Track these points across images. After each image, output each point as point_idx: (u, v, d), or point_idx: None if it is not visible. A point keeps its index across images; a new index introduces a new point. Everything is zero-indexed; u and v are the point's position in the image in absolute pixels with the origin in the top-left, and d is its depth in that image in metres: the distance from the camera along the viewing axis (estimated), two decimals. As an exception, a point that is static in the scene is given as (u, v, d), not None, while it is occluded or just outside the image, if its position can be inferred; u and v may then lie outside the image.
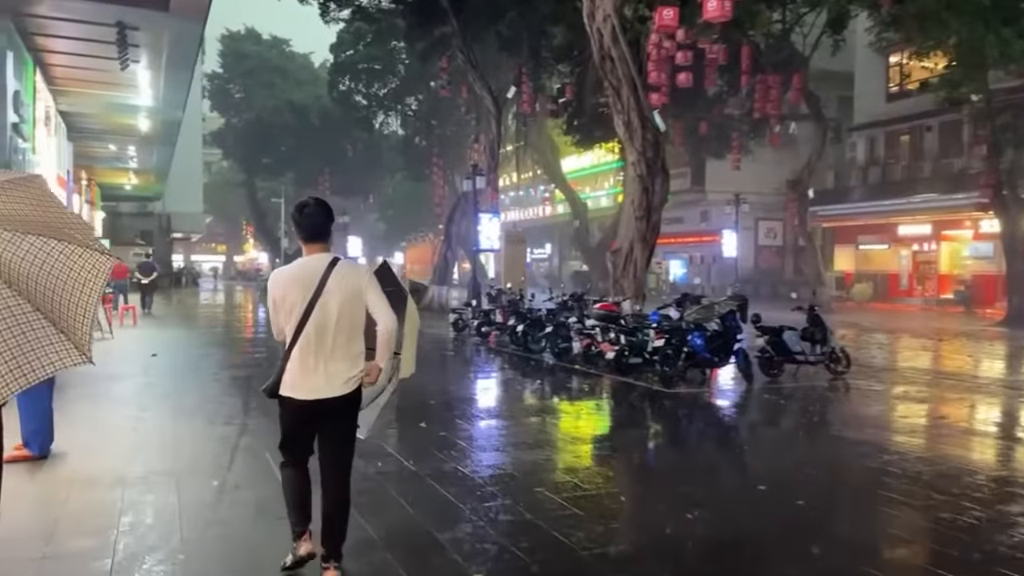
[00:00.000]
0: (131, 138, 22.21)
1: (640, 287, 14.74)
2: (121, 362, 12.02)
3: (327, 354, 3.51)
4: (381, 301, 3.58)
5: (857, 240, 30.88)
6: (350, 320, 3.54)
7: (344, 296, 3.50)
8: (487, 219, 24.16)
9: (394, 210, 54.59)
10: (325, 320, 3.48)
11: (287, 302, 3.53)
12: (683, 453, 7.21)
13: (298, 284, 3.53)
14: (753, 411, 9.34)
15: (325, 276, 3.48)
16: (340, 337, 3.52)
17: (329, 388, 3.52)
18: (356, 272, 3.63)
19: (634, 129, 13.73)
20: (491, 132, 25.11)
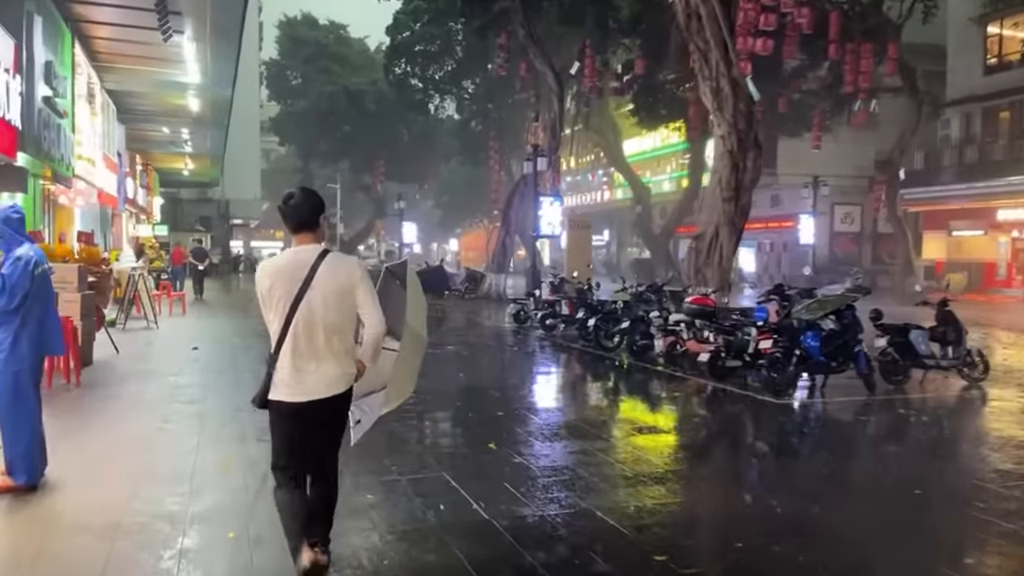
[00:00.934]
0: (183, 120, 21.40)
1: (726, 277, 13.12)
2: (159, 356, 10.98)
3: (318, 352, 3.28)
4: (371, 300, 3.34)
5: (949, 226, 28.30)
6: (340, 316, 3.31)
7: (334, 290, 3.28)
8: (548, 203, 22.66)
9: (449, 196, 53.48)
10: (313, 315, 3.25)
11: (273, 296, 3.28)
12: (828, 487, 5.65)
13: (284, 277, 3.28)
14: (885, 429, 7.66)
15: (313, 269, 3.26)
16: (330, 334, 3.29)
17: (324, 388, 3.30)
18: (347, 265, 3.37)
19: (724, 98, 12.05)
20: (552, 111, 23.55)
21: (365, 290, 3.33)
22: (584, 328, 13.05)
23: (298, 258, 3.30)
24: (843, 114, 28.35)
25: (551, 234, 22.73)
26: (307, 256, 3.29)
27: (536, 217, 22.33)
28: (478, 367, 11.30)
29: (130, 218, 27.00)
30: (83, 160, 13.93)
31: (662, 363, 10.60)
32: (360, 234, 50.32)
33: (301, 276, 3.24)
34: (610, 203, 48.15)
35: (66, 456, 5.55)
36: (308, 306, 3.24)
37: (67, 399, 7.76)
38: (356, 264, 3.42)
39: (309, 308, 3.24)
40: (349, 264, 3.39)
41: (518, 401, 8.33)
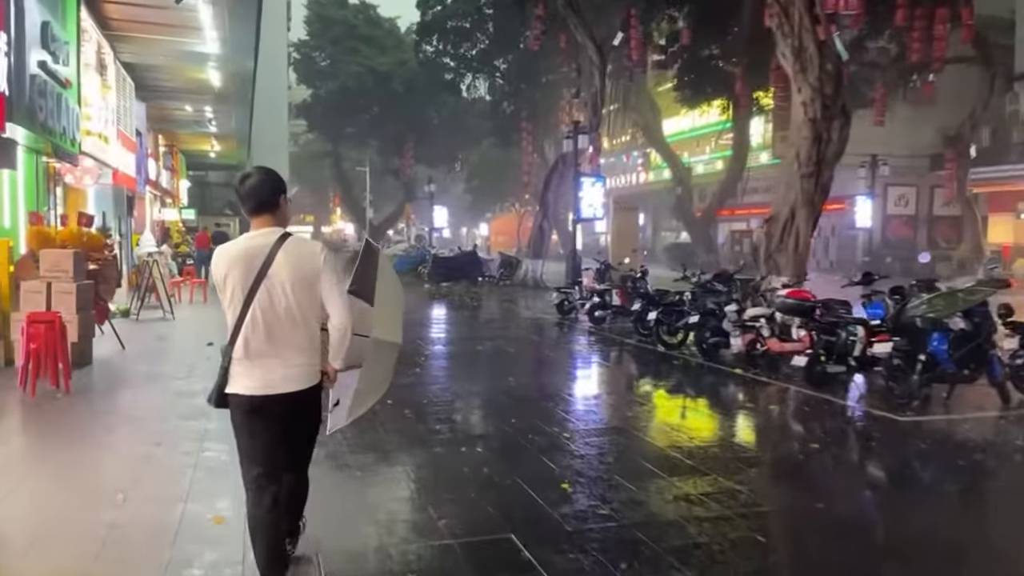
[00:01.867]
0: (205, 96, 20.16)
1: (802, 264, 11.51)
2: (167, 354, 9.72)
3: (278, 344, 2.98)
4: (336, 290, 3.05)
5: (1018, 208, 26.19)
6: (300, 306, 3.00)
7: (294, 278, 2.97)
8: (589, 184, 21.08)
9: (480, 180, 51.97)
10: (272, 305, 2.96)
11: (228, 285, 2.98)
12: (991, 539, 4.14)
13: (240, 263, 2.96)
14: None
15: (271, 255, 2.96)
16: (289, 325, 2.99)
17: (282, 382, 2.98)
18: (309, 250, 3.04)
19: (808, 58, 10.40)
20: (593, 86, 21.88)
21: (329, 279, 3.03)
22: (641, 321, 11.56)
23: (255, 243, 3.00)
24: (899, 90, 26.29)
25: (593, 217, 21.16)
26: (264, 241, 3.00)
27: (576, 199, 20.79)
28: (525, 369, 9.88)
29: (154, 201, 25.95)
30: (93, 136, 12.70)
31: (740, 364, 9.10)
32: (389, 218, 49.09)
33: (258, 263, 2.96)
34: (645, 185, 46.33)
35: (13, 501, 4.23)
36: (266, 295, 2.96)
37: (46, 412, 6.48)
38: (318, 249, 3.08)
39: (268, 297, 2.96)
40: (311, 249, 3.06)
41: (583, 417, 6.88)
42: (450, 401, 7.32)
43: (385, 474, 5.01)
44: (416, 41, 39.91)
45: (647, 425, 6.65)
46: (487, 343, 11.28)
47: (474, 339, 11.82)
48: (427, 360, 9.56)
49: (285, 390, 2.98)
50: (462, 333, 12.87)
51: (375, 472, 5.04)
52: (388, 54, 46.26)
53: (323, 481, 4.30)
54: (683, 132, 41.68)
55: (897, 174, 31.30)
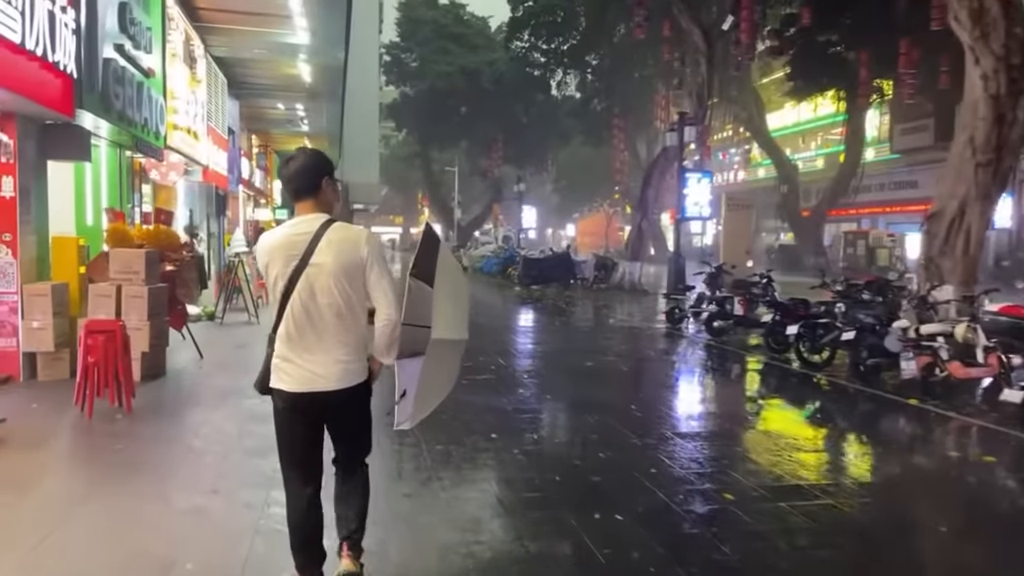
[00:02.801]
0: (297, 94, 19.57)
1: (973, 270, 9.59)
2: (247, 365, 8.75)
3: (319, 339, 2.76)
4: (384, 281, 2.77)
5: None
6: (345, 298, 2.75)
7: (336, 268, 2.73)
8: (695, 180, 19.35)
9: (567, 180, 50.52)
10: (313, 297, 2.74)
11: (271, 273, 2.79)
12: None
13: (282, 251, 2.76)
14: None
15: (313, 242, 2.72)
16: (332, 318, 2.75)
17: (325, 379, 2.75)
18: (353, 237, 2.77)
19: (990, 21, 8.51)
20: (699, 75, 20.16)
21: (376, 269, 2.75)
22: (774, 335, 9.94)
23: (296, 231, 2.76)
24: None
25: (699, 216, 19.42)
26: (307, 228, 2.75)
27: (680, 196, 19.10)
28: (644, 393, 8.43)
29: (248, 201, 25.77)
30: (180, 131, 12.03)
31: (917, 395, 7.38)
32: (476, 219, 48.28)
33: (299, 252, 2.71)
34: (743, 184, 43.78)
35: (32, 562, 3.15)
36: (307, 286, 2.72)
37: (97, 440, 5.51)
38: (364, 236, 2.78)
39: (308, 288, 2.72)
40: (356, 236, 2.77)
41: (744, 472, 5.39)
42: (560, 446, 5.98)
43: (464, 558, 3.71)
44: (506, 37, 38.92)
45: (836, 484, 5.07)
46: (592, 358, 9.86)
47: (575, 352, 10.44)
48: (522, 378, 8.25)
49: (327, 387, 2.76)
50: (560, 345, 11.44)
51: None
52: (478, 53, 45.52)
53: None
54: (786, 127, 39.07)
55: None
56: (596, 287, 21.66)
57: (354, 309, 2.78)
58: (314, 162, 2.82)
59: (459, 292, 3.09)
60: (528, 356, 10.00)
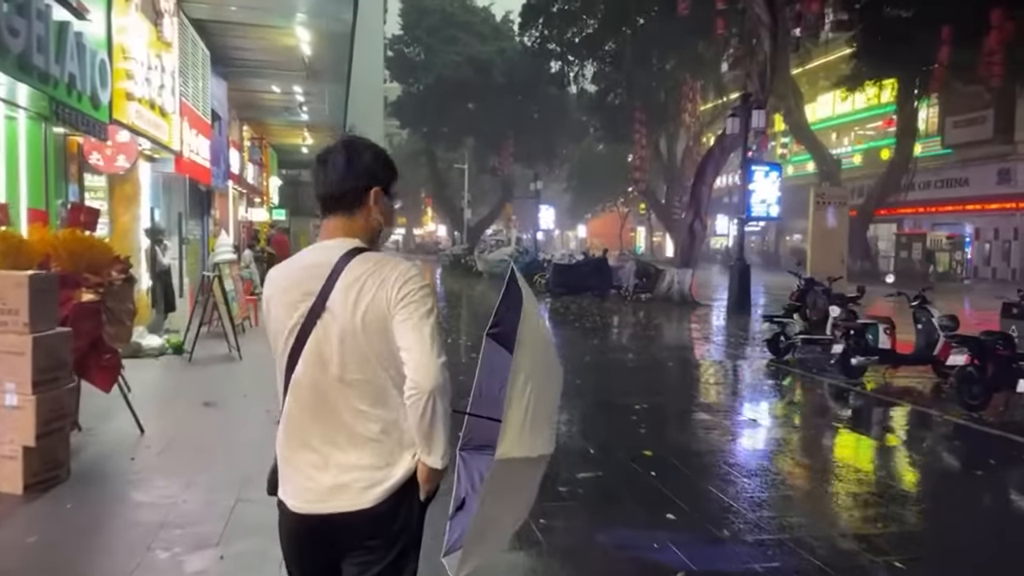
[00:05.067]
0: (295, 73, 16.47)
1: None
2: (214, 446, 5.56)
3: (331, 430, 1.69)
4: (420, 329, 1.64)
5: None
6: (367, 365, 1.67)
7: (357, 318, 1.66)
8: (762, 174, 16.31)
9: (581, 178, 47.42)
10: (322, 363, 1.68)
11: (269, 326, 1.78)
12: None
13: (284, 294, 1.73)
14: None
15: (330, 281, 1.68)
16: (348, 396, 1.68)
17: (334, 495, 1.67)
18: (385, 274, 1.68)
19: None
20: (762, 51, 17.02)
21: (410, 308, 1.64)
22: (970, 385, 6.88)
23: (307, 263, 1.74)
24: None
25: (766, 216, 16.37)
26: (322, 258, 1.71)
27: (745, 193, 16.03)
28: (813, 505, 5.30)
29: (240, 199, 22.63)
30: (136, 103, 8.91)
31: None
32: (486, 219, 45.13)
33: (308, 296, 1.68)
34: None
35: None
36: (315, 348, 1.68)
37: None
38: (402, 271, 1.68)
39: (316, 352, 1.68)
40: (389, 271, 1.68)
41: None
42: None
43: None
44: (520, 25, 35.86)
45: None
46: (692, 431, 6.75)
47: (657, 415, 7.32)
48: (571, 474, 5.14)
49: (337, 509, 1.66)
50: (623, 397, 7.71)
51: None
52: (487, 43, 42.51)
53: None
54: (824, 120, 36.07)
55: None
56: (638, 298, 18.58)
57: (379, 383, 1.66)
58: (363, 161, 1.74)
59: (548, 381, 1.77)
60: (575, 421, 6.88)
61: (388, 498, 1.67)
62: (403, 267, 1.70)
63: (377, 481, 1.68)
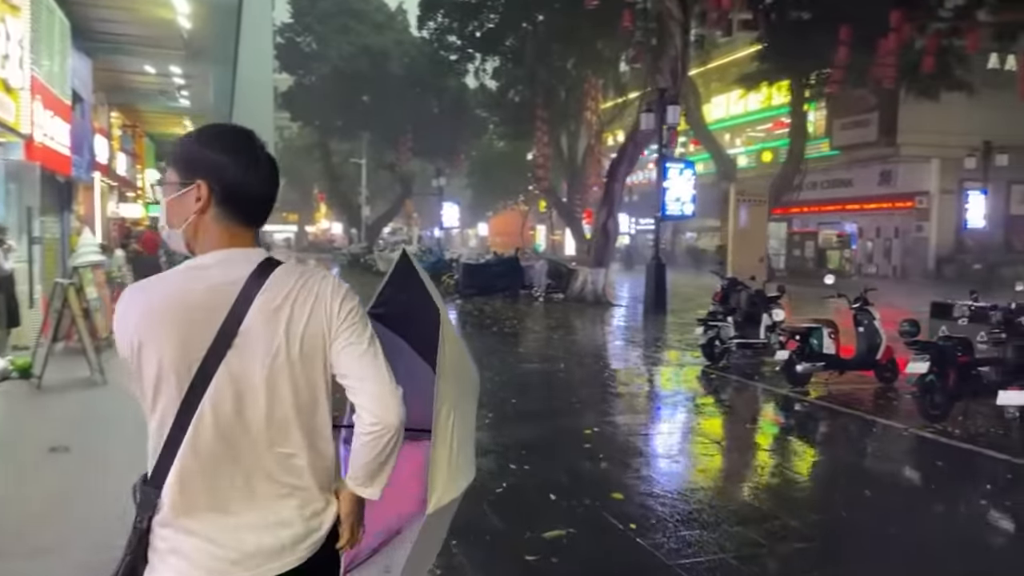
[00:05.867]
0: (173, 52, 14.60)
1: None
2: (66, 511, 4.19)
3: (249, 481, 1.42)
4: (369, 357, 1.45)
5: None
6: (301, 402, 1.44)
7: (293, 346, 1.42)
8: (677, 171, 15.93)
9: (481, 175, 46.61)
10: (238, 404, 1.40)
11: (148, 364, 1.38)
12: None
13: (175, 324, 1.37)
14: None
15: (242, 302, 1.39)
16: (278, 442, 1.43)
17: (266, 557, 1.42)
18: (318, 290, 1.45)
19: None
20: (674, 47, 16.68)
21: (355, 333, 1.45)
22: (931, 396, 6.44)
23: (207, 282, 1.40)
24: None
25: (681, 214, 16.00)
26: (230, 275, 1.41)
27: (660, 191, 15.61)
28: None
29: (109, 193, 20.20)
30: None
31: None
32: (384, 216, 43.42)
33: (212, 322, 1.37)
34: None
35: None
36: (228, 386, 1.38)
37: None
38: (336, 284, 1.47)
39: (230, 390, 1.38)
40: (324, 286, 1.45)
41: None
42: None
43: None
44: (419, 17, 34.58)
45: None
46: (648, 458, 5.97)
47: (605, 440, 6.52)
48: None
49: (266, 570, 1.41)
50: (563, 412, 7.03)
51: None
52: (383, 33, 40.88)
53: None
54: (718, 121, 36.85)
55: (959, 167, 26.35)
56: (550, 298, 17.88)
57: (315, 422, 1.45)
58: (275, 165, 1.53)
59: (469, 397, 1.72)
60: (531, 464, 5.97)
61: (321, 550, 1.48)
62: (332, 279, 1.49)
63: (311, 531, 1.46)
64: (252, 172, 1.46)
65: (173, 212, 1.48)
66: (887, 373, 8.28)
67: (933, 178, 28.25)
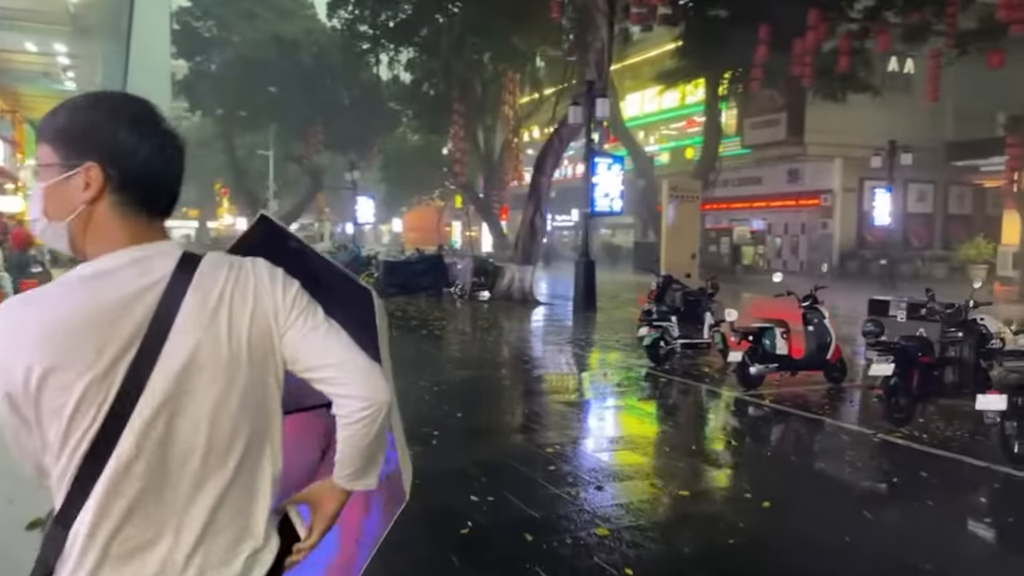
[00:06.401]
0: (57, 27, 13.05)
1: None
2: None
3: (185, 515, 1.19)
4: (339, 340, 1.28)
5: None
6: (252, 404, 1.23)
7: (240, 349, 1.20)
8: (605, 166, 15.60)
9: (396, 169, 45.34)
10: (170, 429, 1.16)
11: (53, 396, 1.11)
12: None
13: (89, 342, 1.11)
14: None
15: (167, 304, 1.16)
16: (217, 467, 1.21)
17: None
18: (255, 279, 1.24)
19: None
20: (599, 39, 16.34)
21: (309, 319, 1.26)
22: (895, 395, 6.20)
23: (128, 288, 1.15)
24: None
25: (609, 211, 15.68)
26: (147, 276, 1.17)
27: (589, 186, 15.24)
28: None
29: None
30: None
31: None
32: (294, 211, 41.49)
33: (130, 335, 1.14)
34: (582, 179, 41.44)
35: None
36: (160, 405, 1.15)
37: None
38: (269, 269, 1.27)
39: (165, 410, 1.16)
40: (259, 273, 1.25)
41: None
42: None
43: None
44: (330, 4, 33.14)
45: None
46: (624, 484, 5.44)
47: (572, 462, 5.97)
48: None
49: None
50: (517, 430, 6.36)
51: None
52: (291, 20, 39.01)
53: None
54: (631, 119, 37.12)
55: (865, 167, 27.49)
56: (475, 297, 17.23)
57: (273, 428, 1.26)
58: (182, 147, 1.30)
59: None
60: (499, 495, 5.34)
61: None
62: (264, 263, 1.27)
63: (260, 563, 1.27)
64: (158, 151, 1.22)
65: (52, 201, 1.20)
66: (836, 373, 8.11)
67: (836, 177, 29.28)
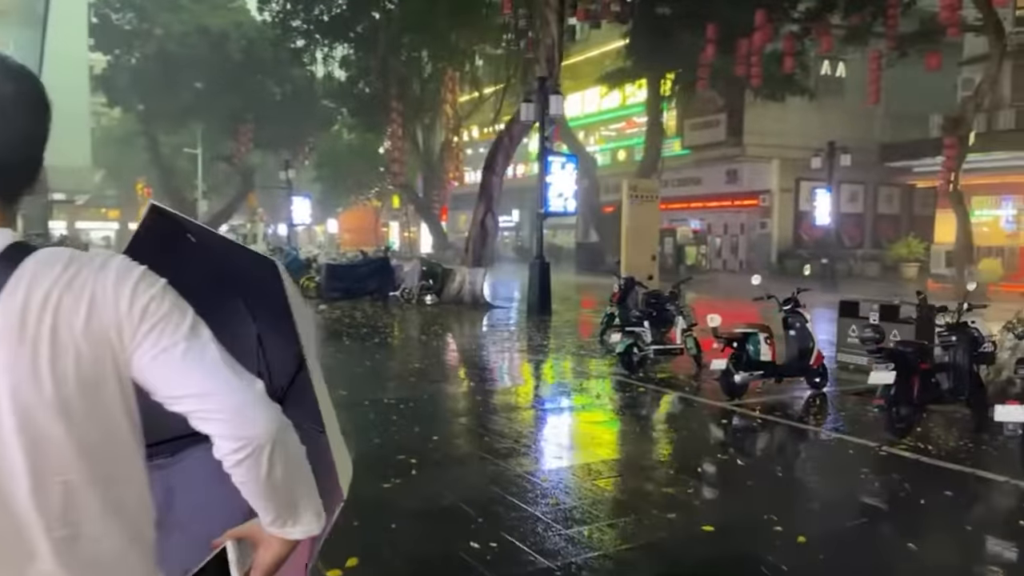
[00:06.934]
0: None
1: None
2: None
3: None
4: (203, 364, 0.96)
5: (972, 204, 23.57)
6: (82, 450, 0.93)
7: (51, 376, 0.90)
8: (559, 165, 15.11)
9: (330, 169, 43.93)
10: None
11: None
12: None
13: None
14: None
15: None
16: (54, 515, 0.91)
17: None
18: (95, 280, 0.93)
19: None
20: (550, 35, 15.89)
21: (176, 337, 0.95)
22: (897, 407, 5.86)
23: None
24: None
25: (563, 211, 15.19)
26: None
27: (543, 186, 14.71)
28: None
29: None
30: None
31: None
32: (224, 212, 39.59)
33: None
34: (523, 178, 40.99)
35: None
36: None
37: None
38: (121, 266, 0.96)
39: None
40: (101, 272, 0.94)
41: None
42: None
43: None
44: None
45: None
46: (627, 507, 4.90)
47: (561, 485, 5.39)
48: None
49: None
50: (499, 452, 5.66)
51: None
52: (219, 12, 37.20)
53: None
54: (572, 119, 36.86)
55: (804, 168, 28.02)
56: (422, 300, 16.46)
57: (120, 474, 0.98)
58: (46, 102, 1.00)
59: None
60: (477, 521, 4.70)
61: None
62: (117, 263, 0.97)
63: None
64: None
65: None
66: (817, 379, 7.79)
67: (774, 177, 29.69)
